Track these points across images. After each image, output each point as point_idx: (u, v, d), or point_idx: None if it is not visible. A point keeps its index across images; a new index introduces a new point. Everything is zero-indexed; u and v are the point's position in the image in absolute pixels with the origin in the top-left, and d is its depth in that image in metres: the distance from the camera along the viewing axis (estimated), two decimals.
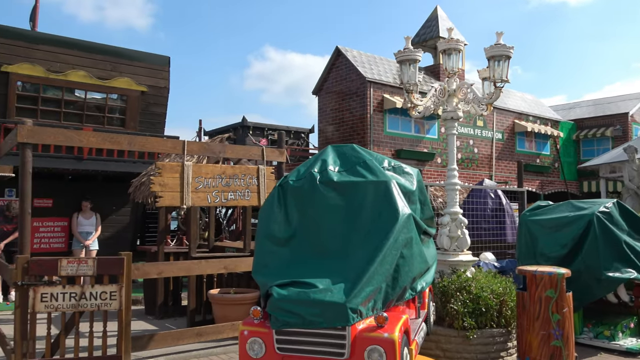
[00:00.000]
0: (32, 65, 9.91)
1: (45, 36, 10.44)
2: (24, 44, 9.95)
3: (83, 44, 10.64)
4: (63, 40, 10.47)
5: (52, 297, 4.82)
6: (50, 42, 10.26)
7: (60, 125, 9.64)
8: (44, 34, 10.66)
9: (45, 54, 10.10)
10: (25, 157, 5.26)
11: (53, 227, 9.94)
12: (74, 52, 10.42)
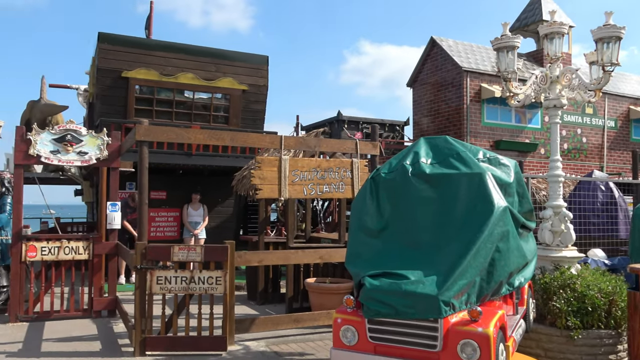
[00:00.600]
0: (147, 70, 10.81)
1: (158, 43, 11.33)
2: (140, 51, 10.88)
3: (191, 48, 11.41)
4: (174, 46, 11.30)
5: (166, 280, 5.32)
6: (163, 48, 11.12)
7: (172, 124, 10.45)
8: (157, 41, 11.57)
9: (159, 59, 10.97)
10: (142, 153, 5.83)
11: (167, 217, 10.82)
12: (183, 56, 11.21)
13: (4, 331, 6.28)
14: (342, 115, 14.57)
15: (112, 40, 10.69)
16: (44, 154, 6.94)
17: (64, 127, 7.13)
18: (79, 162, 7.15)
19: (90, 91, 12.49)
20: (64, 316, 6.92)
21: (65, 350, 5.52)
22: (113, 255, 7.22)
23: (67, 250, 6.91)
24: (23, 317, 6.72)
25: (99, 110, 10.88)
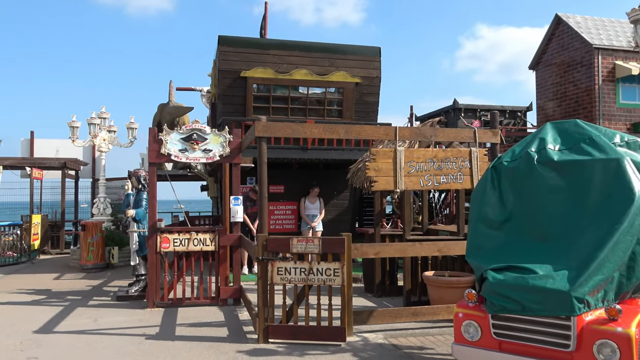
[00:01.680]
0: (264, 69, 11.24)
1: (273, 42, 11.73)
2: (257, 50, 11.34)
3: (304, 45, 11.66)
4: (288, 44, 11.62)
5: (286, 271, 5.49)
6: (278, 47, 11.49)
7: (288, 120, 10.77)
8: (272, 40, 11.98)
9: (274, 58, 11.36)
10: (261, 149, 6.06)
11: (285, 210, 11.20)
12: (297, 53, 11.49)
13: (144, 315, 6.90)
14: (458, 103, 14.06)
15: (231, 43, 11.26)
16: (174, 153, 7.49)
17: (191, 127, 7.64)
18: (204, 159, 7.62)
19: (212, 92, 13.29)
20: (194, 303, 7.43)
21: (197, 334, 5.92)
22: (237, 246, 7.62)
23: (195, 242, 7.41)
24: (159, 303, 7.34)
25: (220, 109, 11.53)
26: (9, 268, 11.63)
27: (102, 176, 12.63)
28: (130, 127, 12.80)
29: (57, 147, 17.36)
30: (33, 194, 15.07)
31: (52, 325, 6.38)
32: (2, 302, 7.75)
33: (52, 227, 15.22)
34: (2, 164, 15.17)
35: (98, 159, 13.96)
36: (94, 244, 10.98)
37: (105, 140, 12.39)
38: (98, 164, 14.21)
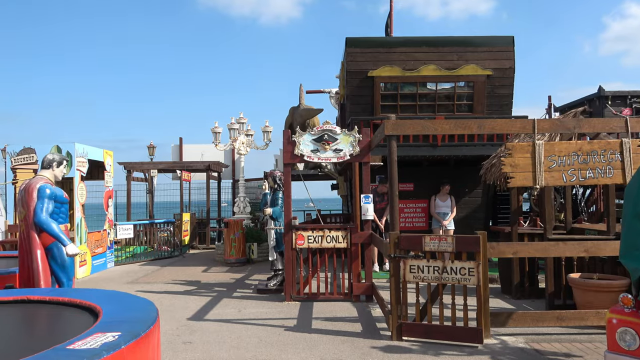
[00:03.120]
0: (391, 67, 11.24)
1: (400, 39, 11.68)
2: (383, 49, 11.38)
3: (431, 40, 11.45)
4: (414, 40, 11.50)
5: (418, 269, 5.46)
6: (404, 44, 11.42)
7: (416, 117, 10.66)
8: (398, 37, 11.94)
9: (401, 55, 11.31)
10: (391, 147, 6.08)
11: (415, 208, 11.10)
12: (424, 49, 11.32)
13: (282, 308, 7.28)
14: (604, 90, 12.82)
15: (358, 44, 11.42)
16: (306, 153, 7.80)
17: (322, 128, 7.90)
18: (334, 158, 7.83)
19: (340, 93, 13.57)
20: (328, 298, 7.68)
21: (332, 328, 6.11)
22: (368, 244, 7.72)
23: (328, 239, 7.65)
24: (295, 296, 7.69)
25: (349, 109, 11.75)
26: (164, 261, 12.94)
27: (242, 177, 13.52)
28: (265, 130, 13.55)
29: (202, 152, 18.93)
30: (183, 194, 16.62)
31: (203, 314, 6.99)
32: (160, 291, 8.66)
33: (199, 224, 16.64)
34: (157, 168, 16.93)
35: (237, 161, 14.97)
36: (235, 240, 11.82)
37: (243, 143, 13.25)
38: (237, 166, 15.24)
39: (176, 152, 19.42)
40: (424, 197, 10.95)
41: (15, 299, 4.42)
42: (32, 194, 5.53)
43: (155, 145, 22.07)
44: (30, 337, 3.67)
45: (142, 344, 3.08)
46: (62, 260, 5.56)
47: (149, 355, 3.23)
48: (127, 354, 2.89)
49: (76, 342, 2.90)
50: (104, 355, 2.71)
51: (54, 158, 5.84)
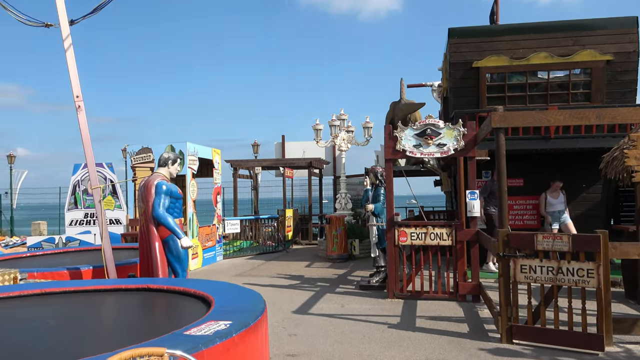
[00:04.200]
0: (497, 57, 10.71)
1: (507, 27, 11.09)
2: (489, 38, 10.87)
3: (542, 26, 10.74)
4: (523, 27, 10.86)
5: (530, 269, 5.14)
6: (512, 32, 10.83)
7: (526, 108, 10.06)
8: (505, 25, 11.33)
9: (508, 44, 10.73)
10: (499, 140, 5.78)
11: (525, 204, 10.49)
12: (534, 35, 10.65)
13: (384, 305, 7.22)
14: None
15: (461, 34, 11.01)
16: (408, 148, 7.65)
17: (424, 122, 7.71)
18: (438, 153, 7.61)
19: (443, 86, 13.18)
20: (432, 297, 7.48)
21: (436, 328, 5.95)
22: (474, 242, 7.42)
23: (432, 236, 7.46)
24: (398, 294, 7.58)
25: (452, 102, 11.37)
26: (269, 255, 13.39)
27: (343, 173, 13.62)
28: (366, 126, 13.54)
29: (303, 149, 19.35)
30: (285, 191, 17.10)
31: (307, 308, 7.13)
32: (266, 284, 8.96)
33: (301, 220, 17.03)
34: (261, 165, 17.56)
35: (338, 158, 15.10)
36: (337, 236, 11.93)
37: (344, 140, 13.33)
38: (338, 162, 15.36)
39: (279, 150, 20.02)
40: (534, 193, 10.32)
41: (137, 287, 4.79)
42: (151, 190, 5.95)
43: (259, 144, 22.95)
44: (151, 322, 3.95)
45: (251, 333, 3.20)
46: (178, 252, 5.93)
47: (257, 344, 3.34)
48: (237, 341, 3.02)
49: (192, 328, 3.08)
50: (217, 342, 2.85)
51: (169, 156, 6.25)
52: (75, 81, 6.02)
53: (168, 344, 2.64)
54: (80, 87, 6.03)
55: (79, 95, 6.01)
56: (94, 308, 4.35)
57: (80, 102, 6.02)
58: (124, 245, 9.66)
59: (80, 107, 6.01)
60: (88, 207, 12.18)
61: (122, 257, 7.36)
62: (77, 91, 6.01)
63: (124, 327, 3.78)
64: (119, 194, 12.41)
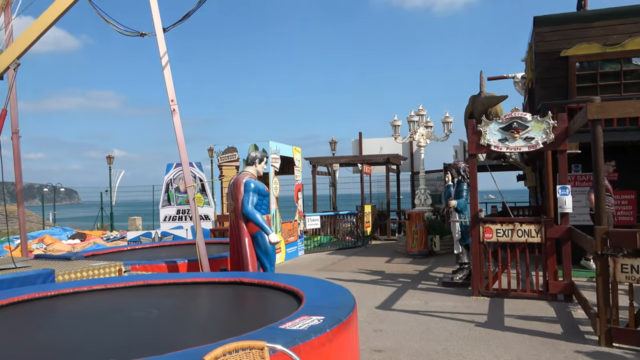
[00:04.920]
0: (588, 44, 10.13)
1: (598, 12, 10.46)
2: (578, 25, 10.31)
3: (638, 10, 10.04)
4: (617, 12, 10.20)
5: (632, 269, 4.85)
6: (604, 17, 10.20)
7: (620, 98, 9.46)
8: (596, 10, 10.69)
9: (600, 30, 10.12)
10: (596, 132, 5.48)
11: (620, 200, 9.88)
12: (630, 19, 9.98)
13: (470, 303, 7.08)
14: None
15: (548, 22, 10.52)
16: (493, 143, 7.43)
17: (510, 116, 7.45)
18: (525, 147, 7.33)
19: (528, 77, 12.64)
20: (520, 295, 7.24)
21: (526, 328, 5.76)
22: (566, 239, 7.09)
23: (519, 232, 7.21)
24: (484, 292, 7.41)
25: (539, 94, 10.89)
26: (348, 251, 13.49)
27: (422, 169, 13.45)
28: (445, 121, 13.28)
29: (380, 145, 19.27)
30: (363, 187, 17.13)
31: (390, 303, 7.14)
32: (348, 279, 9.05)
33: (379, 216, 16.99)
34: (339, 162, 17.70)
35: (416, 153, 14.92)
36: (417, 232, 11.81)
37: (423, 135, 13.16)
38: (416, 158, 15.20)
39: (356, 147, 20.06)
40: (630, 188, 9.69)
41: (230, 280, 5.02)
42: (240, 188, 6.20)
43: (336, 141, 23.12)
44: (245, 315, 4.13)
45: (343, 329, 3.27)
46: (266, 248, 6.14)
47: (349, 339, 3.41)
48: (331, 337, 3.10)
49: (286, 322, 3.19)
50: (312, 337, 2.94)
51: (256, 155, 6.47)
52: (170, 86, 6.38)
53: (266, 337, 2.75)
54: (174, 91, 6.38)
55: (174, 99, 6.36)
56: (191, 300, 4.62)
57: (175, 106, 6.37)
58: (213, 240, 10.12)
59: (175, 110, 6.37)
60: (180, 204, 12.85)
61: (213, 251, 7.72)
62: (172, 95, 6.36)
63: (220, 319, 3.98)
64: (207, 191, 12.98)
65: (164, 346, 3.03)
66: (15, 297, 4.31)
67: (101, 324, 3.74)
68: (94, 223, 23.18)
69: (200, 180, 12.65)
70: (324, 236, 14.89)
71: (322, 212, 15.64)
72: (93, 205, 24.58)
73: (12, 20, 6.25)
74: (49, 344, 3.22)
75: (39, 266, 5.58)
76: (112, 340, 3.30)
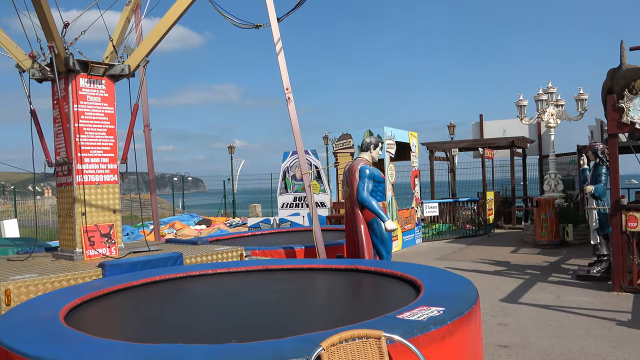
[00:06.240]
0: None
1: None
2: None
3: None
4: None
5: None
6: None
7: None
8: None
9: None
10: None
11: None
12: None
13: (609, 299, 6.38)
14: None
15: None
16: (638, 120, 6.61)
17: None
18: None
19: None
20: None
21: None
22: None
23: None
24: (627, 287, 6.64)
25: None
26: (469, 239, 12.92)
27: (552, 152, 12.44)
28: (579, 98, 12.12)
29: (503, 127, 18.17)
30: (485, 172, 16.29)
31: (516, 296, 6.67)
32: (469, 269, 8.64)
33: (503, 203, 16.07)
34: (458, 146, 17.02)
35: (545, 135, 13.84)
36: (547, 221, 10.95)
37: (553, 115, 12.14)
38: (545, 140, 14.10)
39: (476, 130, 19.14)
40: None
41: (346, 267, 4.96)
42: (355, 174, 6.12)
43: (454, 125, 22.25)
44: (361, 303, 4.05)
45: (465, 322, 3.05)
46: (382, 235, 6.01)
47: (471, 333, 3.18)
48: (452, 329, 2.89)
49: (404, 312, 3.04)
50: (431, 329, 2.77)
51: (371, 141, 6.35)
52: (284, 74, 6.46)
53: (382, 326, 2.64)
54: (289, 80, 6.45)
55: (289, 87, 6.43)
56: (307, 285, 4.64)
57: (289, 94, 6.44)
58: (329, 227, 10.22)
59: (290, 98, 6.44)
60: (296, 192, 13.17)
61: (329, 238, 7.77)
62: (287, 84, 6.44)
63: (335, 306, 3.94)
64: (322, 178, 13.15)
65: (281, 330, 3.05)
66: (149, 277, 4.63)
67: (223, 305, 3.88)
68: (218, 210, 24.69)
69: (315, 168, 12.84)
70: (442, 224, 14.41)
71: (440, 199, 15.15)
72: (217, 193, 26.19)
73: (141, 21, 6.72)
74: (176, 321, 3.40)
75: (169, 249, 5.98)
76: (232, 320, 3.39)
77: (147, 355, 2.41)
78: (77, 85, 5.49)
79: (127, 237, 13.71)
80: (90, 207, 5.60)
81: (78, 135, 5.49)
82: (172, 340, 2.63)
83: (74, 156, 5.47)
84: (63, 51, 5.31)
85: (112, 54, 5.95)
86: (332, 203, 13.17)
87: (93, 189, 5.65)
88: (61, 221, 5.80)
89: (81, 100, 5.52)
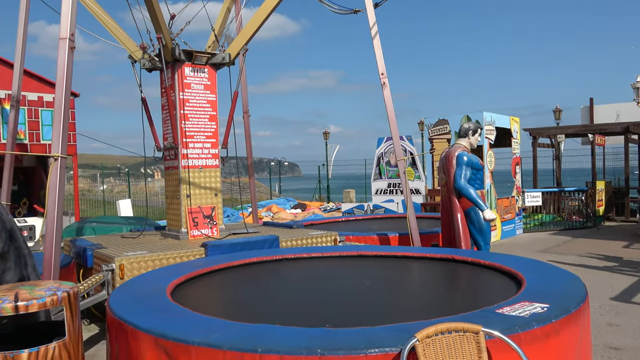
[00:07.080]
0: None
1: None
2: None
3: None
4: None
5: None
6: None
7: None
8: None
9: None
10: None
11: None
12: None
13: None
14: None
15: None
16: None
17: None
18: None
19: None
20: None
21: None
22: None
23: None
24: None
25: None
26: (575, 232, 12.09)
27: None
28: None
29: (617, 112, 16.76)
30: (595, 160, 15.14)
31: (629, 295, 6.15)
32: (575, 264, 8.09)
33: (615, 194, 14.85)
34: (564, 132, 15.95)
35: None
36: None
37: None
38: None
39: (586, 115, 17.80)
40: None
41: (442, 257, 4.84)
42: (452, 161, 5.92)
43: (561, 109, 20.84)
44: (457, 294, 3.93)
45: (572, 321, 2.86)
46: (480, 225, 5.79)
47: (578, 332, 2.97)
48: (557, 328, 2.72)
49: (504, 307, 2.90)
50: (534, 326, 2.62)
51: (469, 127, 6.10)
52: (380, 60, 6.38)
53: (480, 320, 2.53)
54: (384, 65, 6.36)
55: (384, 72, 6.34)
56: (401, 273, 4.58)
57: (384, 79, 6.35)
58: (424, 215, 10.02)
59: (385, 83, 6.35)
60: (391, 178, 13.04)
61: (423, 226, 7.62)
62: (382, 69, 6.35)
63: (430, 296, 3.85)
64: (417, 165, 12.90)
65: (375, 317, 3.03)
66: (247, 259, 4.81)
67: (317, 289, 3.94)
68: (312, 194, 25.12)
69: (410, 154, 12.60)
70: (545, 214, 13.61)
71: (543, 188, 14.29)
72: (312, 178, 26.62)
73: (240, 11, 6.93)
74: (272, 302, 3.50)
75: (267, 232, 6.18)
76: (326, 304, 3.43)
77: (246, 334, 2.49)
78: (182, 73, 5.79)
79: (227, 218, 14.35)
80: (194, 190, 5.92)
81: (183, 122, 5.80)
82: (268, 321, 2.71)
83: (179, 141, 5.79)
84: (170, 42, 5.62)
85: (213, 44, 6.20)
86: (427, 190, 12.89)
87: (197, 173, 5.96)
88: (168, 202, 6.19)
89: (186, 88, 5.82)
